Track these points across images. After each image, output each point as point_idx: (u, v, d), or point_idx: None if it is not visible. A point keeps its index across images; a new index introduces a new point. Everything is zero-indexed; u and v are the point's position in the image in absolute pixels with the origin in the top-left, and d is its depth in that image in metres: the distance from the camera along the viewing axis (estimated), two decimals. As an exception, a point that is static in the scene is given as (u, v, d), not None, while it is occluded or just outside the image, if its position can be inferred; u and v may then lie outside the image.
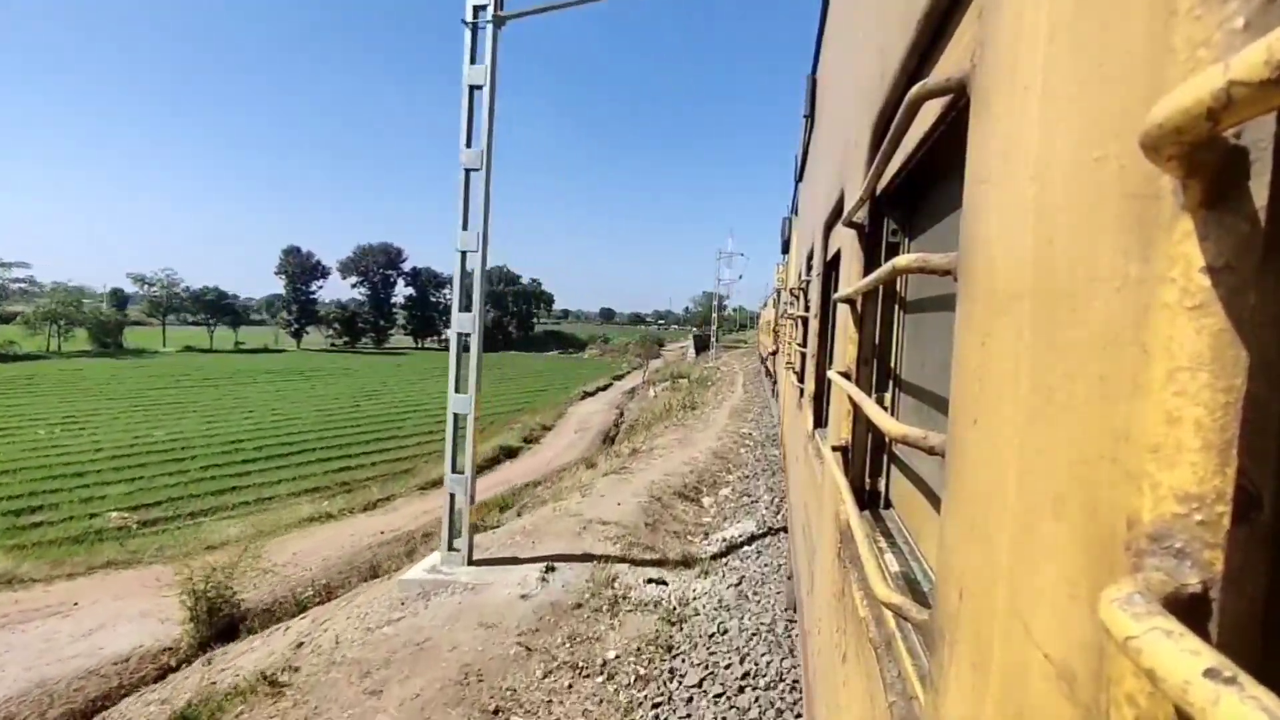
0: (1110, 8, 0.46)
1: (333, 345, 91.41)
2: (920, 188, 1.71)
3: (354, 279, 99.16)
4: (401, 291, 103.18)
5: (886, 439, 1.91)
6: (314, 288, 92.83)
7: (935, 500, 1.41)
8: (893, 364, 1.90)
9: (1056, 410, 0.52)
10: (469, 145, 6.96)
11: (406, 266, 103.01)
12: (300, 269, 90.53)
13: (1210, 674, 0.26)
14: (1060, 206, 0.53)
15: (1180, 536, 0.36)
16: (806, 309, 5.15)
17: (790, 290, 9.32)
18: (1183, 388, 0.36)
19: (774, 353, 18.71)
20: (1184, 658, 0.28)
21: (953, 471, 0.80)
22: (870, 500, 1.98)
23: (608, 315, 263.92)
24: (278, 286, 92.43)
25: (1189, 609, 0.35)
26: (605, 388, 47.81)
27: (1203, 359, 0.34)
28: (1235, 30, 0.32)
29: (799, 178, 8.94)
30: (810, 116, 5.67)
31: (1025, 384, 0.58)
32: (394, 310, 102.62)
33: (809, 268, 5.04)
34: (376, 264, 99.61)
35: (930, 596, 1.20)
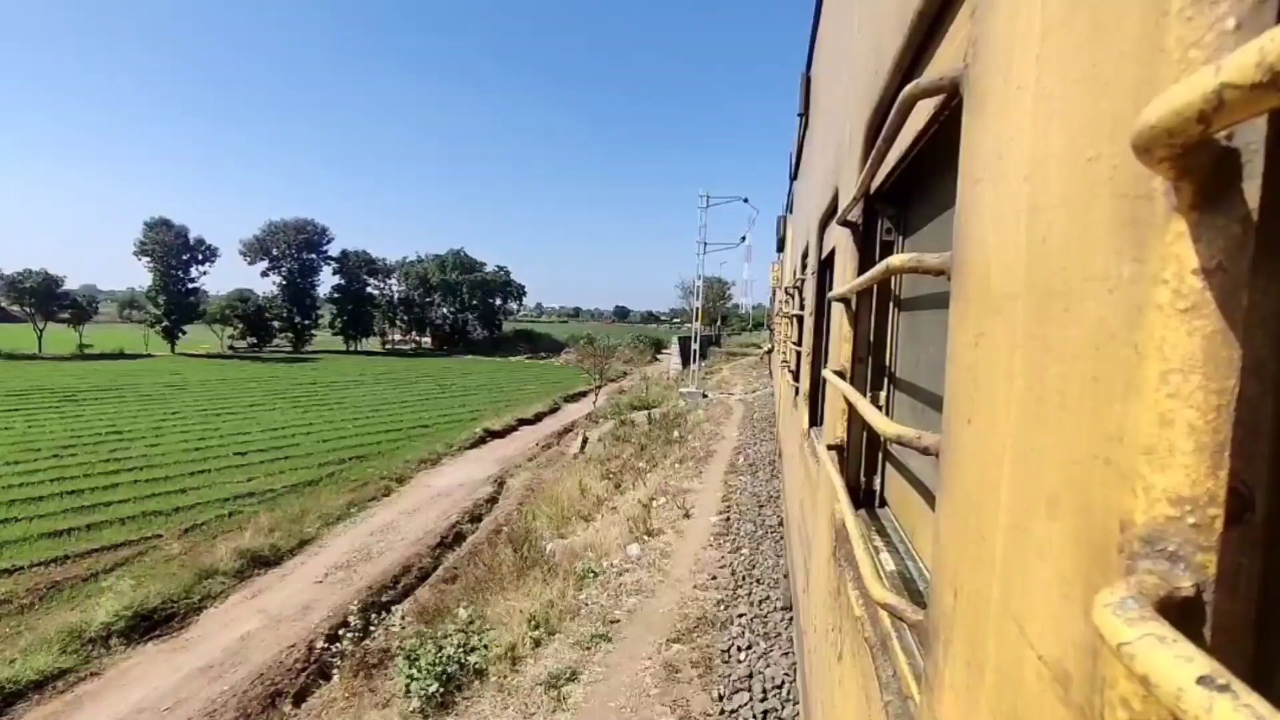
0: (1103, 8, 0.46)
1: (232, 348, 68.49)
2: (914, 186, 1.71)
3: (263, 264, 74.31)
4: (329, 281, 77.90)
5: (881, 438, 1.92)
6: (194, 274, 67.68)
7: (930, 498, 1.41)
8: (887, 363, 1.90)
9: (1050, 410, 0.52)
10: None
11: (333, 250, 77.71)
12: (169, 249, 64.78)
13: (1203, 681, 0.26)
14: (1053, 206, 0.53)
15: (1173, 539, 0.36)
16: (802, 307, 5.16)
17: (785, 289, 9.34)
18: (1175, 389, 0.35)
19: (769, 351, 18.65)
20: (1177, 664, 0.28)
21: (947, 471, 0.80)
22: (865, 499, 1.98)
23: (622, 313, 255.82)
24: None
25: (1182, 612, 0.34)
26: (535, 419, 29.56)
27: (1195, 361, 0.34)
28: (1227, 31, 0.32)
29: (794, 175, 8.96)
30: (805, 115, 5.68)
31: (1019, 384, 0.58)
32: (317, 304, 77.49)
33: (804, 266, 5.04)
34: (291, 245, 74.74)
35: (926, 596, 1.20)
